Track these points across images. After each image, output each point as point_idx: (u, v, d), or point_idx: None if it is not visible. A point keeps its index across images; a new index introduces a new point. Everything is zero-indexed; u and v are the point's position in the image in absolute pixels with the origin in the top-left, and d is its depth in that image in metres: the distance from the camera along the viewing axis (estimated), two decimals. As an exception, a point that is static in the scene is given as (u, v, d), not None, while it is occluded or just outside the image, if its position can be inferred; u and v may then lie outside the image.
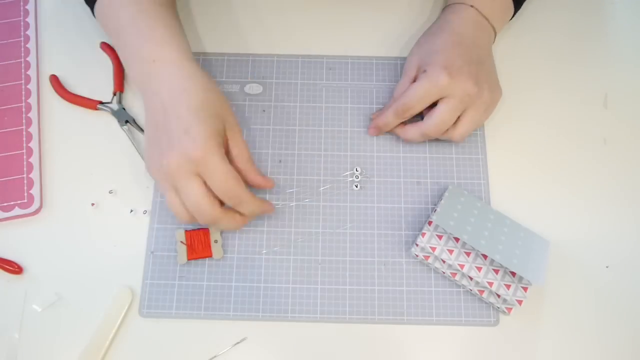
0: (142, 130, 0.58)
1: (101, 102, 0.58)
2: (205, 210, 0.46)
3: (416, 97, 0.52)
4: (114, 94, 0.59)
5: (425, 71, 0.52)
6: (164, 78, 0.48)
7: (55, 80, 0.59)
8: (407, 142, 0.57)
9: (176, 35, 0.51)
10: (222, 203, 0.47)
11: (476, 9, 0.55)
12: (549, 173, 0.57)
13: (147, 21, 0.51)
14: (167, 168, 0.45)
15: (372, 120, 0.57)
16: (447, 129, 0.53)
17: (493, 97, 0.54)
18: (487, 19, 0.55)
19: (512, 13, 0.58)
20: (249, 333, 0.52)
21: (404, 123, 0.56)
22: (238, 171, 0.48)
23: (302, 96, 0.60)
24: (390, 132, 0.57)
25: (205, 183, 0.46)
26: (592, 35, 0.63)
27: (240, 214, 0.49)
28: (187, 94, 0.47)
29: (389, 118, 0.54)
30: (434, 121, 0.52)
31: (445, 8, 0.58)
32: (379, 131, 0.57)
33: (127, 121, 0.58)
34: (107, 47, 0.61)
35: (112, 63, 0.60)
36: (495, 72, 0.56)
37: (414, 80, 0.54)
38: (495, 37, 0.57)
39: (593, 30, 0.63)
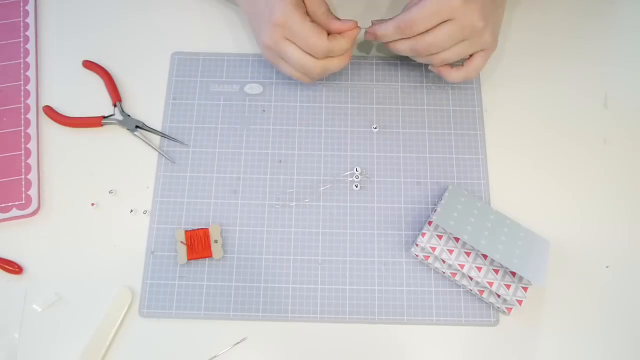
0: (153, 130, 0.58)
1: (104, 117, 0.58)
2: (308, 67, 0.52)
3: (423, 14, 0.49)
4: (114, 105, 0.59)
5: None
6: None
7: (51, 111, 0.58)
8: (395, 52, 0.55)
9: None
10: None
11: None
12: (549, 173, 0.57)
13: None
14: (265, 44, 0.52)
15: (371, 25, 0.54)
16: (436, 53, 0.52)
17: (492, 42, 0.53)
18: None
19: None
20: (249, 333, 0.52)
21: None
22: (319, 23, 0.52)
23: (302, 96, 0.60)
24: (381, 43, 0.55)
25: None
26: (592, 34, 0.63)
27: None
28: None
29: (389, 31, 0.52)
30: (428, 39, 0.50)
31: None
32: (375, 38, 0.54)
33: (137, 126, 0.58)
34: (91, 64, 0.60)
35: (102, 78, 0.60)
36: (501, 22, 0.55)
37: None
38: None
39: (593, 30, 0.63)
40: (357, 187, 0.56)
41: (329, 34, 0.52)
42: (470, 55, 0.54)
